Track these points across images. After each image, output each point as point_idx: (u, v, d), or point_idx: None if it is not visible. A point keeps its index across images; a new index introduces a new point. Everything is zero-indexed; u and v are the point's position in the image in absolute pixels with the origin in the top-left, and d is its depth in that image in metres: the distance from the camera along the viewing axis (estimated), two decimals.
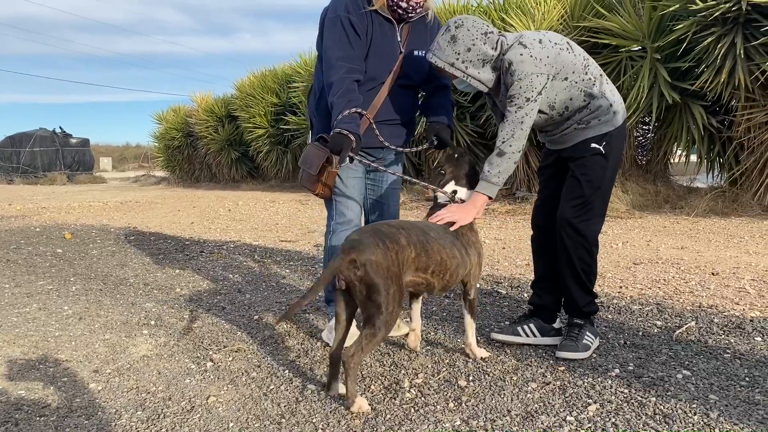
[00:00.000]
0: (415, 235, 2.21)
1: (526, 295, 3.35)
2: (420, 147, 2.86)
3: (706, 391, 2.15)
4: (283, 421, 2.05)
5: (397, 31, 2.62)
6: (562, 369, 2.39)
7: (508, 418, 2.00)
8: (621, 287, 3.65)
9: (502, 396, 2.16)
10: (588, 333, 2.55)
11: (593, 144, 2.47)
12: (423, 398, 2.17)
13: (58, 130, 24.64)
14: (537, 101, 2.35)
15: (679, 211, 6.70)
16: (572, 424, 1.93)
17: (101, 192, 15.15)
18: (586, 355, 2.49)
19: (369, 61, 2.56)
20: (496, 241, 5.49)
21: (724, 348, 2.57)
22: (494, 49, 2.39)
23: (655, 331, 2.82)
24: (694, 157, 7.58)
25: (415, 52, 2.66)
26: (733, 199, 6.56)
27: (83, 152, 24.99)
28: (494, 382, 2.28)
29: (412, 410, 2.07)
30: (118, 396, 2.31)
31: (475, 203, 2.46)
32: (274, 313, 3.35)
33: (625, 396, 2.12)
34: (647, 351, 2.57)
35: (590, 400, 2.09)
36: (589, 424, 1.93)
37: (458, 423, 1.97)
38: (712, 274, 3.87)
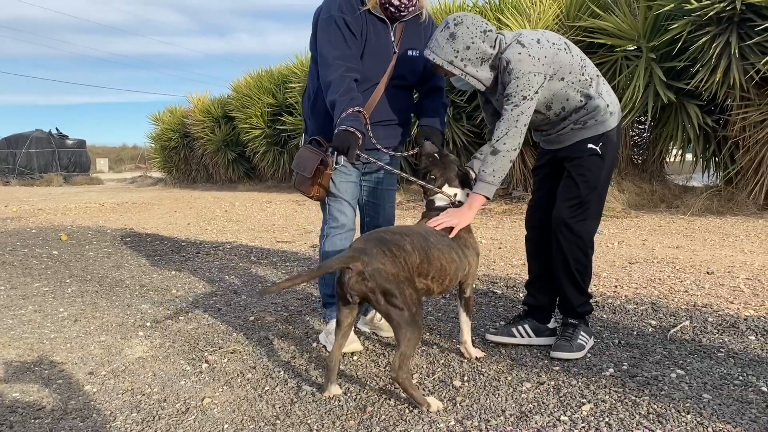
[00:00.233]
0: (417, 241, 2.21)
1: (521, 294, 3.35)
2: (411, 151, 2.82)
3: (699, 390, 2.16)
4: (278, 422, 2.06)
5: (390, 31, 2.60)
6: (557, 369, 2.40)
7: (502, 418, 2.00)
8: (616, 286, 3.66)
9: (497, 396, 2.17)
10: (582, 333, 2.55)
11: (590, 144, 2.47)
12: None
13: (55, 132, 24.56)
14: (533, 100, 2.35)
15: (674, 210, 6.71)
16: (566, 424, 1.94)
17: (98, 193, 15.12)
18: (581, 354, 2.50)
19: (363, 62, 2.54)
20: (492, 241, 5.50)
21: (718, 347, 2.58)
22: (493, 48, 2.38)
23: (650, 331, 2.83)
24: (689, 156, 7.61)
25: (409, 52, 2.64)
26: (729, 198, 6.58)
27: (80, 153, 24.92)
28: (489, 382, 2.29)
29: (407, 410, 2.07)
30: (113, 398, 2.31)
31: (472, 205, 2.45)
32: (270, 314, 3.35)
33: (619, 395, 2.13)
34: (642, 350, 2.57)
35: (584, 400, 2.10)
36: (583, 424, 1.93)
37: (453, 423, 1.98)
38: (707, 273, 3.88)
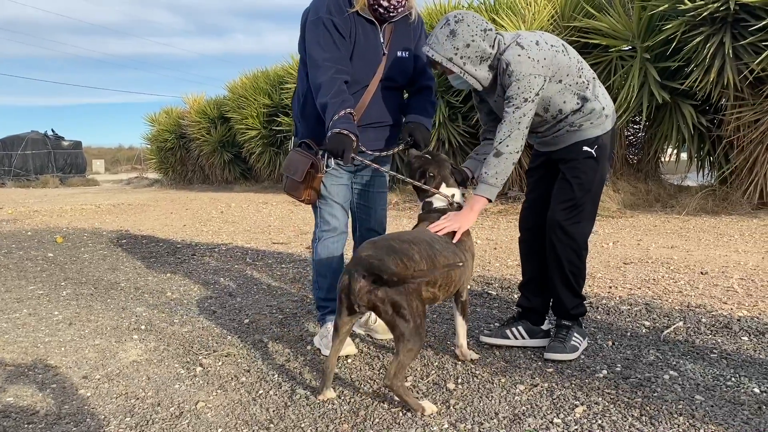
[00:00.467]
0: (425, 250, 2.19)
1: (516, 296, 3.36)
2: (395, 149, 2.74)
3: (692, 391, 2.17)
4: (272, 426, 2.06)
5: (379, 32, 2.58)
6: (550, 371, 2.40)
7: (495, 420, 2.01)
8: (611, 287, 3.67)
9: (490, 399, 2.17)
10: (576, 334, 2.56)
11: (585, 147, 2.47)
12: None
13: (50, 133, 24.49)
14: (534, 102, 2.35)
15: (669, 210, 6.73)
16: (559, 426, 1.94)
17: (94, 195, 15.09)
18: (574, 356, 2.50)
19: (353, 64, 2.52)
20: (487, 242, 5.51)
21: (711, 348, 2.59)
22: (492, 47, 2.37)
23: (644, 332, 2.84)
24: (684, 156, 7.63)
25: (399, 53, 2.63)
26: (723, 198, 6.60)
27: (75, 155, 24.85)
28: (482, 385, 2.29)
29: (401, 414, 2.07)
30: (107, 402, 2.31)
31: (473, 207, 2.43)
32: (265, 317, 3.35)
33: (612, 397, 2.14)
34: (635, 352, 2.58)
35: (577, 402, 2.11)
36: (576, 426, 1.94)
37: (446, 426, 1.98)
38: (701, 274, 3.89)
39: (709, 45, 5.93)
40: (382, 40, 2.59)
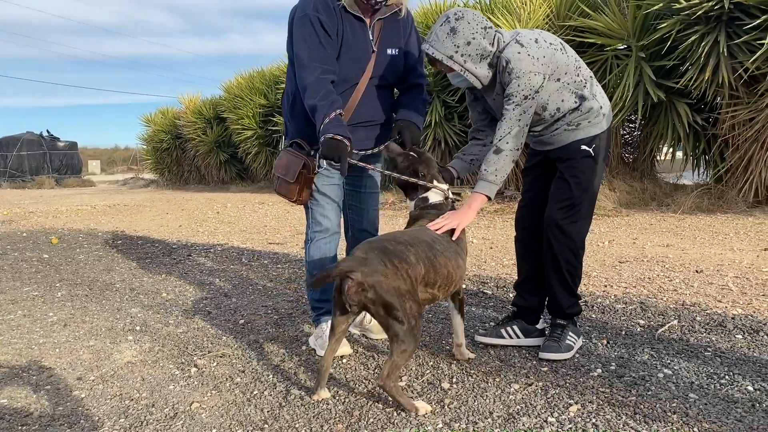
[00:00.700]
0: (423, 251, 2.17)
1: (512, 295, 3.36)
2: (381, 147, 2.70)
3: (686, 389, 2.17)
4: (266, 426, 2.05)
5: (368, 29, 2.55)
6: (545, 370, 2.41)
7: (489, 419, 2.01)
8: (606, 286, 3.67)
9: (485, 398, 2.17)
10: (571, 333, 2.56)
11: (583, 146, 2.48)
12: None
13: (46, 134, 24.40)
14: (534, 99, 2.35)
15: (665, 209, 6.74)
16: (553, 425, 1.95)
17: (90, 195, 15.05)
18: (569, 355, 2.51)
19: (341, 62, 2.49)
20: (483, 241, 5.51)
21: (705, 346, 2.59)
22: (492, 45, 2.36)
23: (638, 330, 2.85)
24: (680, 155, 7.65)
25: (389, 51, 2.59)
26: (719, 196, 6.62)
27: (71, 155, 24.77)
28: (477, 384, 2.29)
29: (395, 414, 2.07)
30: (101, 403, 2.30)
31: (472, 205, 2.42)
32: (260, 317, 3.34)
33: (606, 396, 2.14)
34: (630, 350, 2.59)
35: (571, 401, 2.11)
36: (570, 425, 1.94)
37: (440, 426, 1.98)
38: (696, 272, 3.90)
39: (703, 44, 5.95)
40: (371, 38, 2.56)
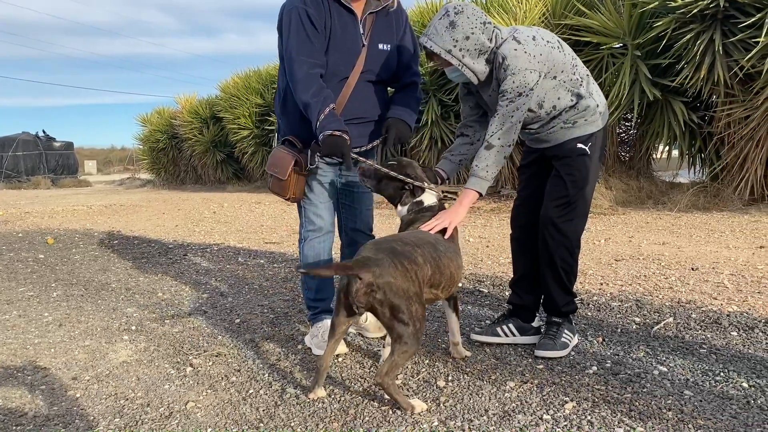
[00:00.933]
0: (429, 252, 2.17)
1: (508, 293, 3.36)
2: (375, 142, 2.68)
3: (681, 387, 2.17)
4: (261, 425, 2.05)
5: (359, 22, 2.51)
6: (541, 367, 2.41)
7: (485, 417, 2.01)
8: (602, 284, 3.67)
9: (480, 396, 2.17)
10: (566, 331, 2.56)
11: (579, 144, 2.47)
12: None
13: (41, 134, 24.32)
14: (529, 96, 2.34)
15: (661, 207, 6.75)
16: (548, 423, 1.95)
17: (86, 196, 15.01)
18: (565, 353, 2.51)
19: (329, 56, 2.45)
20: (479, 239, 5.51)
21: (701, 343, 2.60)
22: (490, 41, 2.35)
23: (634, 328, 2.85)
24: (676, 153, 7.65)
25: (380, 46, 2.55)
26: (715, 194, 6.63)
27: (67, 156, 24.70)
28: (473, 382, 2.29)
29: (390, 412, 2.07)
30: (97, 403, 2.30)
31: (462, 201, 2.41)
32: (256, 317, 3.34)
33: (602, 393, 2.14)
34: (625, 348, 2.59)
35: (567, 398, 2.11)
36: (566, 422, 1.94)
37: (436, 424, 1.98)
38: (692, 270, 3.91)
39: (699, 42, 5.96)
40: (362, 32, 2.52)
